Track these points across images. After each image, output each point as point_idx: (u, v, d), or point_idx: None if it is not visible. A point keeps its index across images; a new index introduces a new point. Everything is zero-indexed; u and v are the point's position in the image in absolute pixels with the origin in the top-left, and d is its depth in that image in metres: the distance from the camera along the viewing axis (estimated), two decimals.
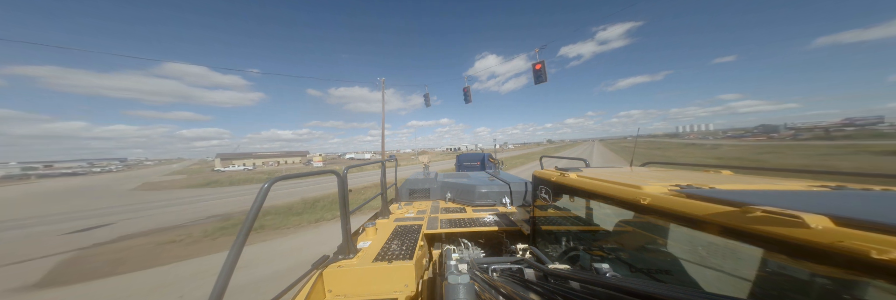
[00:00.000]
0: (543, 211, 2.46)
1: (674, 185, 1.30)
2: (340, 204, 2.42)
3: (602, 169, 2.43)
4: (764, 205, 0.82)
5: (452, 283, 1.31)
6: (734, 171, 1.89)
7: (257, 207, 1.39)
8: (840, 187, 1.22)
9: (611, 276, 1.23)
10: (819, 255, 0.68)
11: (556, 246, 2.32)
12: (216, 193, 24.12)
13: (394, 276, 2.31)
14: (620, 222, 1.73)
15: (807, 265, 0.75)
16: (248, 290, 5.54)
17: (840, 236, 0.64)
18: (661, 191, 1.21)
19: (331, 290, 2.22)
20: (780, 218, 0.75)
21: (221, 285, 1.20)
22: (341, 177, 2.39)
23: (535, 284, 1.43)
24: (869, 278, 0.63)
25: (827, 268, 0.70)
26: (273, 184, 1.51)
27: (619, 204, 1.39)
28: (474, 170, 9.35)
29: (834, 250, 0.65)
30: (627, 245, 1.72)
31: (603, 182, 1.56)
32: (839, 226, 0.67)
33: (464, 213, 4.07)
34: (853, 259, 0.62)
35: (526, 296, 1.26)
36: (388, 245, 2.75)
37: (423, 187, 5.17)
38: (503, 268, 1.84)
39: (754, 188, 1.26)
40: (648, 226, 1.55)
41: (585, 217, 2.05)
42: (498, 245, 3.59)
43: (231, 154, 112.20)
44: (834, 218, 0.69)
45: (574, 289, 1.20)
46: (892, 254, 0.56)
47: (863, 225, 0.65)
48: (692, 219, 1.00)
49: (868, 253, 0.59)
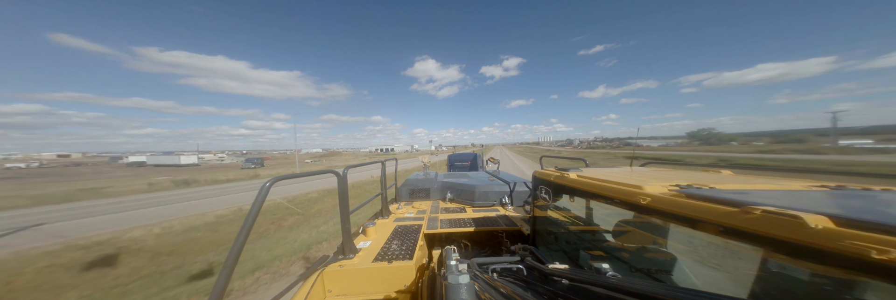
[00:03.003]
0: (543, 211, 2.46)
1: (674, 185, 1.30)
2: (340, 204, 2.42)
3: (602, 169, 2.43)
4: (764, 205, 0.82)
5: (452, 283, 1.31)
6: (734, 171, 1.89)
7: (258, 207, 1.39)
8: (840, 187, 1.22)
9: (611, 276, 1.23)
10: (819, 255, 0.68)
11: (555, 246, 2.32)
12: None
13: (394, 276, 2.31)
14: (620, 222, 1.73)
15: (807, 265, 0.75)
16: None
17: (840, 236, 0.64)
18: (661, 192, 1.21)
19: (331, 290, 2.22)
20: (780, 218, 0.75)
21: (222, 285, 1.20)
22: (341, 177, 2.39)
23: (535, 284, 1.43)
24: (869, 278, 0.63)
25: (827, 268, 0.69)
26: (274, 184, 1.51)
27: (619, 204, 1.39)
28: (465, 169, 9.57)
29: (834, 250, 0.65)
30: (627, 245, 1.72)
31: (603, 182, 1.56)
32: (839, 227, 0.67)
33: (464, 213, 4.06)
34: (853, 259, 0.62)
35: (526, 296, 1.26)
36: (388, 245, 2.74)
37: (423, 187, 5.17)
38: (503, 268, 1.84)
39: (754, 188, 1.26)
40: (648, 226, 1.55)
41: (585, 217, 2.04)
42: (498, 245, 3.59)
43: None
44: (834, 218, 0.69)
45: (574, 289, 1.20)
46: (892, 254, 0.56)
47: (863, 225, 0.65)
48: (692, 219, 1.00)
49: (868, 253, 0.59)
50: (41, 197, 20.05)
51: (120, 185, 26.41)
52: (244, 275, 6.02)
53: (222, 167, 61.36)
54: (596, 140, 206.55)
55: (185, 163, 67.13)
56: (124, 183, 29.05)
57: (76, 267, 6.87)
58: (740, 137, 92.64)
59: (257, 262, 6.71)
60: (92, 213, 14.51)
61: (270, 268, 6.43)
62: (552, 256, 2.19)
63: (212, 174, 37.52)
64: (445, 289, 1.31)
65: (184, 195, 20.91)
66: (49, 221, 12.76)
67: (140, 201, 18.34)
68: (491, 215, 3.89)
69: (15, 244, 9.17)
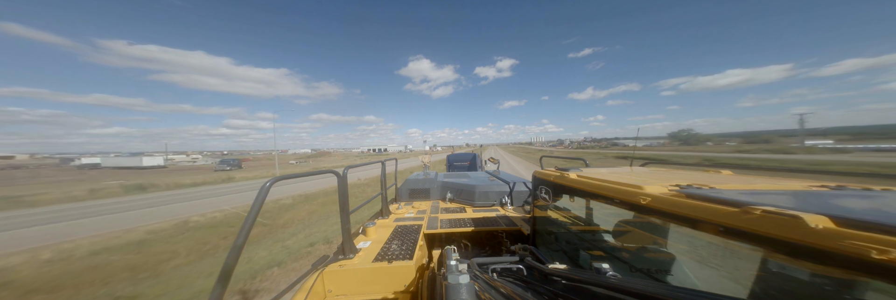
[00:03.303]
0: (543, 211, 2.46)
1: (674, 185, 1.30)
2: (340, 204, 2.42)
3: (602, 169, 2.43)
4: (764, 205, 0.82)
5: (452, 283, 1.31)
6: (734, 171, 1.89)
7: (258, 207, 1.39)
8: (840, 187, 1.22)
9: (611, 276, 1.22)
10: (819, 255, 0.68)
11: (555, 246, 2.32)
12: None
13: (394, 276, 2.31)
14: (620, 222, 1.72)
15: (807, 265, 0.75)
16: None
17: (840, 236, 0.64)
18: (661, 192, 1.21)
19: (331, 290, 2.22)
20: (780, 218, 0.75)
21: (222, 285, 1.20)
22: (341, 177, 2.39)
23: (535, 284, 1.43)
24: (869, 278, 0.63)
25: (827, 268, 0.69)
26: (274, 183, 1.51)
27: (619, 204, 1.39)
28: (463, 169, 9.73)
29: (834, 250, 0.65)
30: (627, 245, 1.72)
31: (603, 182, 1.56)
32: (839, 227, 0.67)
33: (464, 213, 4.06)
34: (853, 259, 0.62)
35: (526, 296, 1.26)
36: (388, 245, 2.74)
37: (423, 187, 5.17)
38: (503, 268, 1.84)
39: (754, 188, 1.26)
40: (648, 226, 1.55)
41: (585, 217, 2.04)
42: (498, 245, 3.59)
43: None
44: (834, 218, 0.69)
45: (574, 289, 1.20)
46: (892, 254, 0.56)
47: (863, 225, 0.65)
48: (692, 219, 1.00)
49: (868, 253, 0.59)
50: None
51: (56, 192, 21.61)
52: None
53: (193, 169, 55.24)
54: (585, 140, 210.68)
55: (148, 165, 59.05)
56: (63, 189, 23.90)
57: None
58: (714, 138, 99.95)
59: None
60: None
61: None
62: (552, 256, 2.19)
63: (177, 177, 33.25)
64: (445, 289, 1.31)
65: (128, 203, 17.54)
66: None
67: (61, 213, 14.89)
68: (491, 215, 3.89)
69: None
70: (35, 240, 9.56)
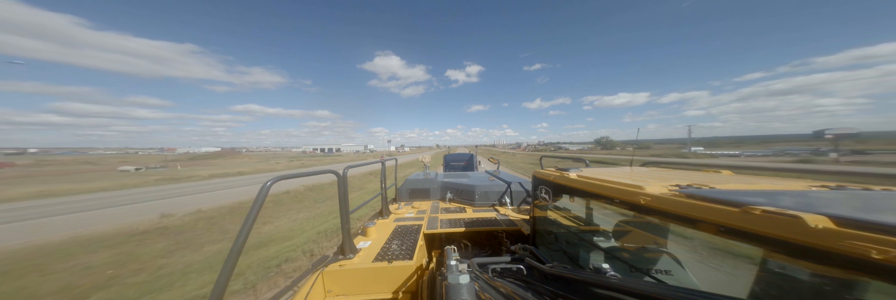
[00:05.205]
0: (543, 211, 2.46)
1: (674, 185, 1.30)
2: (340, 204, 2.42)
3: (602, 169, 2.43)
4: (764, 205, 0.82)
5: (452, 283, 1.31)
6: (734, 171, 1.89)
7: (259, 206, 1.39)
8: (840, 187, 1.22)
9: (611, 276, 1.23)
10: (819, 255, 0.68)
11: (555, 246, 2.32)
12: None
13: (394, 276, 2.31)
14: (620, 222, 1.73)
15: (807, 265, 0.75)
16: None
17: (840, 236, 0.64)
18: (661, 192, 1.21)
19: (331, 290, 2.22)
20: (780, 218, 0.75)
21: (222, 285, 1.20)
22: (341, 177, 2.39)
23: (535, 284, 1.43)
24: (869, 278, 0.63)
25: (827, 268, 0.70)
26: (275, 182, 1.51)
27: (619, 204, 1.39)
28: (460, 169, 9.96)
29: (834, 250, 0.65)
30: (627, 245, 1.72)
31: (603, 182, 1.56)
32: (839, 227, 0.67)
33: (464, 213, 4.07)
34: (853, 259, 0.62)
35: (526, 295, 1.26)
36: (388, 245, 2.74)
37: (423, 187, 5.17)
38: (503, 268, 1.84)
39: (754, 188, 1.26)
40: (648, 226, 1.55)
41: (585, 217, 2.04)
42: (498, 245, 3.59)
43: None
44: (834, 218, 0.69)
45: (574, 289, 1.21)
46: (892, 254, 0.56)
47: (863, 225, 0.65)
48: (692, 219, 1.00)
49: (868, 253, 0.59)
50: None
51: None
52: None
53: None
54: (539, 144, 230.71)
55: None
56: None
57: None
58: (619, 144, 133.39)
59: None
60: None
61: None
62: (552, 256, 2.19)
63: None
64: (445, 289, 1.31)
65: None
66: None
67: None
68: (491, 215, 3.89)
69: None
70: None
